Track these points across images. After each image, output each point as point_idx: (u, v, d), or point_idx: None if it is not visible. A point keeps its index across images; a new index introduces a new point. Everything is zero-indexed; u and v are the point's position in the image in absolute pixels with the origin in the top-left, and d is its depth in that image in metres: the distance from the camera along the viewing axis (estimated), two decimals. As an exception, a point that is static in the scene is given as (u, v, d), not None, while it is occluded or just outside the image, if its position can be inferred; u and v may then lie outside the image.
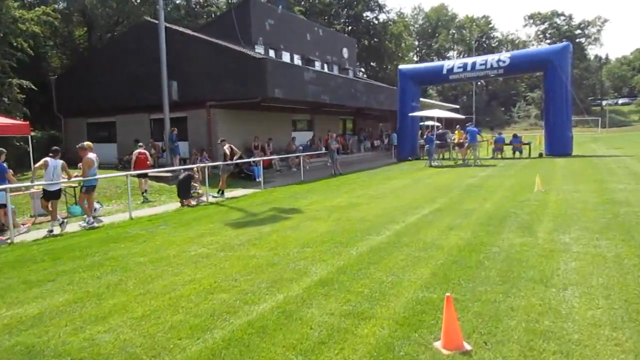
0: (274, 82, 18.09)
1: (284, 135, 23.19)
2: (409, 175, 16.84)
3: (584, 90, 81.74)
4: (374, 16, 70.56)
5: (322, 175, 18.28)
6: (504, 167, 17.80)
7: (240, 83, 18.24)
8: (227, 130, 19.83)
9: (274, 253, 6.33)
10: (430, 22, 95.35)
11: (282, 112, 22.70)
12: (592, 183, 11.98)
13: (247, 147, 20.68)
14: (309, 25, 27.11)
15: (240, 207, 11.14)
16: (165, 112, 18.19)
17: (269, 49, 23.24)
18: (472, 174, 16.02)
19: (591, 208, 8.44)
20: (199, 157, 18.44)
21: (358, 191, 12.90)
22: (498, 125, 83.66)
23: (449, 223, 7.67)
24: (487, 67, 23.27)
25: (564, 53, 21.96)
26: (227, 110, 19.65)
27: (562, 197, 9.94)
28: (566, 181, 12.66)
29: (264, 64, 17.66)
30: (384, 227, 7.62)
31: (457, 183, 13.53)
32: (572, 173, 14.59)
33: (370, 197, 11.63)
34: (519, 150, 22.42)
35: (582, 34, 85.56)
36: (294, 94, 19.62)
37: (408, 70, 25.81)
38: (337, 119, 28.87)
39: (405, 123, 24.77)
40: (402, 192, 12.12)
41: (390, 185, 13.84)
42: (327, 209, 9.94)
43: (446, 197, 10.79)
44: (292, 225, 8.26)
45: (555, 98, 21.81)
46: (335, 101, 22.73)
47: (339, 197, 11.95)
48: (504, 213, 8.33)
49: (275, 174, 19.62)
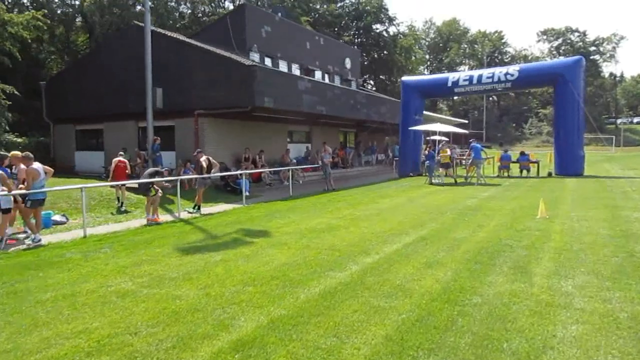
0: (264, 91, 17.05)
1: (279, 147, 22.13)
2: (405, 193, 15.60)
3: (598, 108, 79.94)
4: (384, 29, 69.81)
5: (314, 191, 17.13)
6: (509, 187, 16.49)
7: (229, 91, 17.24)
8: (216, 141, 18.83)
9: (205, 293, 5.16)
10: (441, 36, 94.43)
11: (277, 122, 21.66)
12: (603, 209, 10.67)
13: (237, 159, 19.66)
14: (309, 34, 26.18)
15: (206, 226, 10.00)
16: (149, 120, 17.21)
17: (264, 56, 22.27)
18: (473, 194, 14.75)
19: (601, 243, 7.15)
20: (182, 168, 17.43)
21: (344, 211, 11.70)
22: (509, 142, 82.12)
23: (430, 257, 6.45)
24: (495, 81, 22.07)
25: (576, 67, 20.69)
26: (216, 119, 18.63)
27: (568, 226, 8.65)
28: (575, 206, 11.35)
29: (252, 71, 16.64)
30: (353, 260, 6.42)
31: (453, 204, 12.28)
32: (582, 196, 13.26)
33: (354, 218, 10.43)
34: (527, 168, 21.09)
35: (597, 50, 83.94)
36: (287, 104, 18.56)
37: (412, 82, 24.69)
38: (336, 131, 27.76)
39: (408, 137, 23.60)
40: (391, 214, 10.89)
41: (381, 205, 12.63)
42: (299, 233, 8.76)
43: (437, 222, 9.55)
44: (248, 254, 7.09)
45: (567, 114, 20.50)
46: (332, 112, 21.64)
47: (320, 217, 10.77)
48: (498, 246, 7.08)
49: (265, 188, 18.50)
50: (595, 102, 79.85)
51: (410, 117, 23.71)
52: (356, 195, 15.48)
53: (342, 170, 25.51)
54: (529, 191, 15.05)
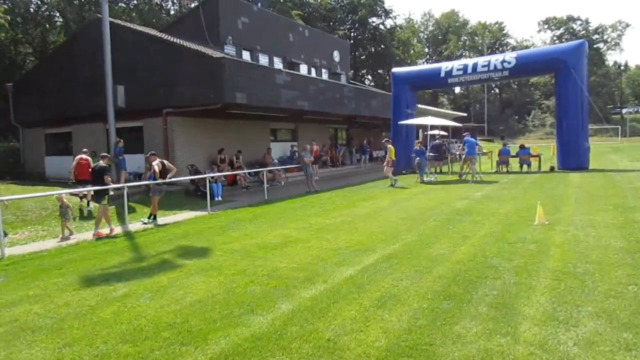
0: (236, 85, 15.54)
1: (261, 147, 20.62)
2: (391, 194, 14.06)
3: (603, 97, 77.99)
4: (380, 22, 68.09)
5: (294, 194, 15.64)
6: (506, 185, 14.91)
7: (197, 87, 15.75)
8: (187, 142, 17.36)
9: (57, 357, 3.66)
10: (440, 29, 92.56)
11: (258, 120, 20.14)
12: (613, 211, 9.10)
13: (213, 161, 18.18)
14: (292, 25, 24.58)
15: (145, 243, 8.51)
16: (110, 120, 15.81)
17: (242, 49, 20.74)
18: (465, 193, 13.19)
19: (613, 261, 5.61)
20: (148, 172, 15.94)
21: (313, 219, 10.19)
22: (511, 135, 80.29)
23: (388, 289, 4.93)
24: (490, 69, 20.46)
25: (579, 52, 19.04)
26: (187, 118, 17.13)
27: (572, 236, 7.09)
28: (579, 207, 9.77)
29: (221, 64, 15.12)
30: (287, 295, 4.92)
31: (441, 207, 10.74)
32: (587, 195, 11.67)
33: (321, 228, 8.91)
34: (527, 163, 19.48)
35: (601, 38, 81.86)
36: (263, 100, 17.03)
37: (402, 74, 23.10)
38: (326, 127, 26.20)
39: (400, 132, 22.04)
40: (365, 222, 9.37)
41: (359, 210, 11.11)
42: (244, 251, 7.26)
43: (414, 232, 8.02)
44: (163, 285, 5.59)
45: (569, 104, 18.88)
46: (316, 108, 20.10)
47: (283, 227, 9.26)
48: (481, 268, 5.55)
49: (241, 192, 16.99)
50: (600, 92, 77.84)
51: (401, 111, 22.17)
52: (336, 198, 13.96)
53: (331, 170, 24.01)
54: (529, 189, 13.47)
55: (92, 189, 10.52)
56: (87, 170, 13.93)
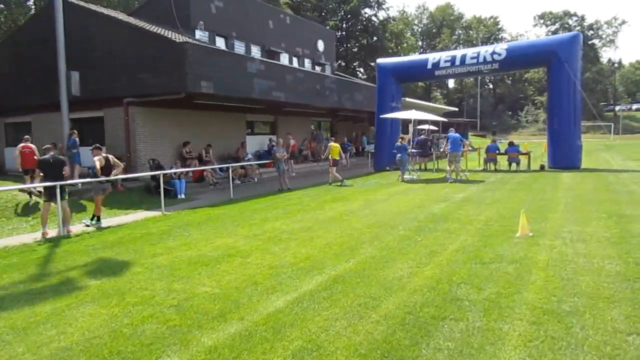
0: (201, 73, 14.28)
1: (236, 140, 19.35)
2: (366, 194, 12.90)
3: (596, 95, 77.11)
4: (373, 13, 66.61)
5: (264, 192, 14.47)
6: (492, 186, 13.79)
7: (159, 75, 14.47)
8: (151, 134, 16.08)
9: None
10: (435, 22, 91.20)
11: (233, 111, 18.87)
12: (607, 220, 7.98)
13: (182, 155, 16.94)
14: (272, 12, 23.21)
15: (62, 253, 7.29)
16: (63, 110, 14.55)
17: (215, 36, 19.41)
18: (446, 195, 12.05)
19: (608, 293, 4.47)
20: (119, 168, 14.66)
21: (271, 223, 9.01)
22: (504, 130, 79.42)
23: (312, 337, 3.75)
24: (480, 61, 19.29)
25: (573, 45, 17.90)
26: (151, 108, 15.84)
27: (558, 254, 5.96)
28: (569, 215, 8.65)
29: (183, 49, 13.84)
30: (179, 343, 3.73)
31: (415, 212, 9.59)
32: (578, 199, 10.55)
33: (273, 237, 7.74)
34: (516, 161, 18.37)
35: (595, 34, 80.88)
36: (233, 90, 15.77)
37: (387, 65, 21.88)
38: (308, 121, 24.96)
39: (384, 127, 20.88)
40: (327, 228, 8.21)
41: (325, 213, 9.94)
42: (169, 267, 6.08)
43: (377, 244, 6.86)
44: (37, 320, 4.39)
45: (562, 99, 17.77)
46: (293, 99, 18.85)
47: (231, 235, 8.08)
48: (441, 303, 4.39)
49: (208, 189, 15.76)
50: (594, 88, 76.96)
51: (386, 105, 20.98)
52: (306, 198, 12.78)
53: (311, 165, 22.80)
54: (515, 191, 12.35)
55: (47, 185, 9.33)
56: (32, 158, 13.08)
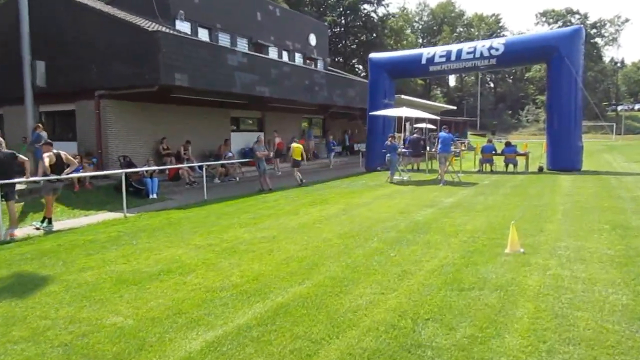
0: (175, 65, 13.32)
1: (220, 137, 18.36)
2: (349, 197, 11.94)
3: (598, 94, 76.05)
4: (372, 9, 65.54)
5: (243, 192, 13.54)
6: (485, 189, 12.82)
7: (130, 66, 13.52)
8: (125, 130, 15.13)
9: None
10: (435, 19, 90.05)
11: (216, 107, 17.89)
12: (610, 233, 7.01)
13: (158, 152, 16.01)
14: (260, 3, 22.13)
15: (-16, 264, 6.34)
16: (27, 102, 13.63)
17: (197, 27, 18.41)
18: (435, 199, 11.09)
19: (614, 339, 3.51)
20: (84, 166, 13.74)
21: (232, 231, 8.06)
22: (504, 130, 78.38)
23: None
24: (476, 57, 18.30)
25: (574, 39, 16.91)
26: (125, 102, 14.88)
27: (553, 277, 5.00)
28: (567, 225, 7.68)
29: (155, 39, 12.86)
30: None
31: (398, 218, 8.64)
32: (578, 206, 9.59)
33: (228, 248, 6.79)
34: (513, 162, 17.39)
35: (598, 33, 79.74)
36: (212, 83, 14.81)
37: (380, 60, 20.87)
38: (298, 118, 23.97)
39: (376, 124, 19.92)
40: (293, 238, 7.27)
41: (299, 219, 9.00)
42: (89, 287, 5.14)
43: (343, 260, 5.91)
44: None
45: (562, 96, 16.79)
46: (280, 95, 17.88)
47: (182, 244, 7.13)
48: (396, 352, 3.43)
49: (184, 188, 14.80)
50: (596, 88, 75.92)
51: (378, 101, 20.00)
52: (284, 200, 11.83)
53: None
54: (510, 195, 11.38)
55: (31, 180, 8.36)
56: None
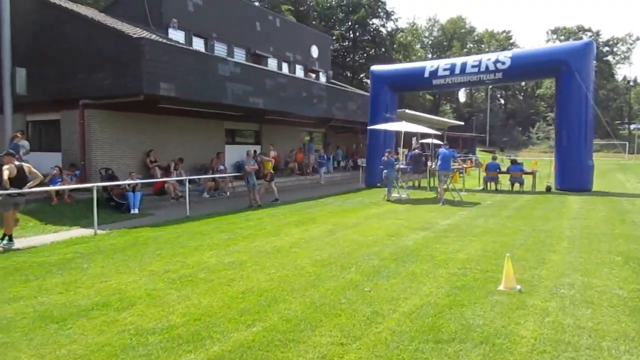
0: (160, 73, 12.70)
1: (213, 150, 17.64)
2: (339, 216, 11.13)
3: (611, 112, 74.79)
4: (381, 24, 65.17)
5: (229, 209, 12.81)
6: (487, 210, 11.93)
7: (114, 74, 12.93)
8: (110, 141, 14.48)
9: None
10: (445, 35, 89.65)
11: (209, 118, 17.22)
12: (622, 267, 6.11)
13: (146, 165, 15.37)
14: (260, 13, 21.60)
15: None
16: (6, 111, 13.14)
17: (192, 36, 17.86)
18: (431, 220, 10.23)
19: None
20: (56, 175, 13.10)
21: (197, 255, 7.28)
22: (515, 147, 77.22)
23: None
24: (482, 70, 17.50)
25: (585, 53, 16.08)
26: (110, 112, 14.24)
27: (552, 327, 4.13)
28: (573, 256, 6.78)
29: (139, 46, 12.25)
30: None
31: (385, 243, 7.80)
32: (587, 232, 8.67)
33: (179, 277, 6.01)
34: (519, 181, 16.47)
35: (610, 51, 78.67)
36: (200, 94, 14.16)
37: (382, 73, 20.16)
38: (298, 131, 23.26)
39: (377, 139, 19.12)
40: (261, 265, 6.47)
41: (277, 241, 8.20)
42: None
43: (308, 296, 5.09)
44: None
45: (572, 113, 15.91)
46: (274, 107, 17.20)
47: (136, 271, 6.37)
48: None
49: (168, 203, 14.06)
50: (609, 106, 74.67)
51: (379, 115, 19.23)
52: (270, 218, 11.04)
53: (298, 179, 21.06)
54: (512, 218, 10.48)
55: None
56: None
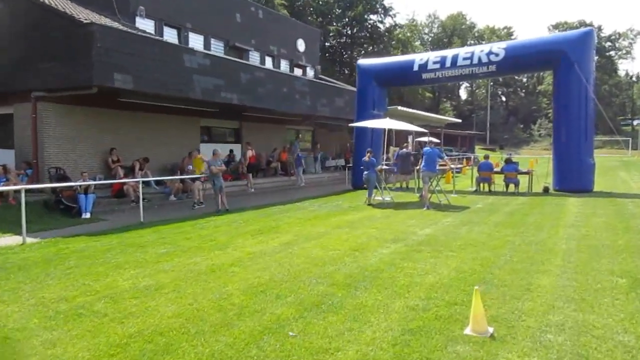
0: (114, 63, 11.51)
1: (188, 148, 16.39)
2: (307, 224, 9.91)
3: (613, 108, 73.31)
4: (379, 20, 63.70)
5: (191, 214, 11.62)
6: (475, 215, 10.67)
7: (66, 64, 11.72)
8: (66, 138, 13.32)
9: None
10: (445, 31, 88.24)
11: (181, 114, 16.02)
12: (627, 294, 4.86)
13: (107, 165, 14.19)
14: (239, 3, 20.34)
15: None
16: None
17: (163, 25, 16.61)
18: (407, 229, 8.99)
19: None
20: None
21: (115, 274, 6.08)
22: (516, 144, 75.86)
23: None
24: (474, 63, 16.25)
25: (584, 43, 14.81)
26: (66, 106, 13.07)
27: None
28: (566, 278, 5.52)
29: (89, 33, 11.04)
30: None
31: (343, 261, 6.56)
32: (585, 244, 7.41)
33: (75, 307, 4.80)
34: (514, 182, 15.19)
35: (613, 46, 77.12)
36: (163, 87, 12.94)
37: (369, 67, 18.90)
38: (282, 129, 22.02)
39: (364, 137, 17.88)
40: (178, 292, 5.27)
41: (219, 257, 6.99)
42: None
43: (213, 344, 3.86)
44: None
45: (571, 107, 14.66)
46: (251, 102, 15.98)
47: (22, 298, 5.14)
48: None
49: (128, 207, 12.85)
50: (612, 102, 73.16)
51: (366, 112, 17.97)
52: (226, 226, 9.82)
53: (281, 179, 19.83)
54: (501, 226, 9.21)
55: None
56: None
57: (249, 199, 15.07)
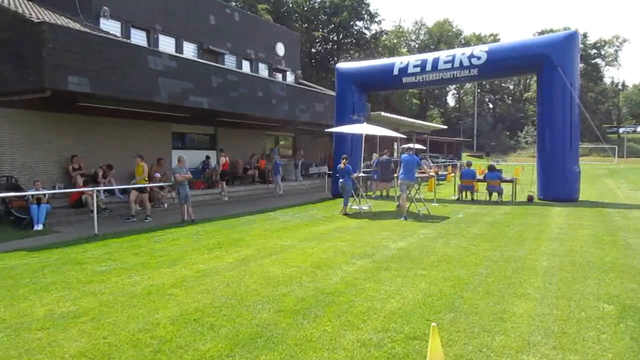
0: (68, 65, 10.70)
1: (155, 156, 15.57)
2: (273, 236, 9.18)
3: (599, 116, 73.72)
4: (365, 26, 63.42)
5: (153, 225, 10.81)
6: (454, 227, 10.02)
7: (16, 65, 10.88)
8: (24, 145, 12.47)
9: None
10: (432, 38, 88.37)
11: (150, 119, 15.22)
12: (616, 325, 4.20)
13: (68, 173, 13.34)
14: (213, 4, 19.60)
15: None
16: None
17: (130, 27, 15.84)
18: (378, 243, 8.31)
19: None
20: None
21: (32, 300, 5.29)
22: (502, 151, 75.94)
23: None
24: (455, 66, 15.71)
25: (568, 46, 14.33)
26: (21, 111, 12.23)
27: None
28: (546, 304, 4.86)
29: (40, 32, 10.25)
30: None
31: (299, 281, 5.84)
32: (569, 261, 6.77)
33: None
34: (497, 190, 14.61)
35: (598, 53, 77.72)
36: (124, 90, 12.15)
37: (348, 71, 18.30)
38: (261, 135, 21.29)
39: (344, 143, 17.23)
40: (99, 319, 4.52)
41: (160, 276, 6.23)
42: None
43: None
44: None
45: (555, 113, 14.17)
46: (222, 107, 15.24)
47: None
48: None
49: (86, 217, 11.99)
50: (598, 109, 73.57)
51: (346, 117, 17.35)
52: (184, 239, 9.05)
53: (258, 188, 19.07)
54: (480, 239, 8.56)
55: None
56: None
57: (220, 208, 14.31)
